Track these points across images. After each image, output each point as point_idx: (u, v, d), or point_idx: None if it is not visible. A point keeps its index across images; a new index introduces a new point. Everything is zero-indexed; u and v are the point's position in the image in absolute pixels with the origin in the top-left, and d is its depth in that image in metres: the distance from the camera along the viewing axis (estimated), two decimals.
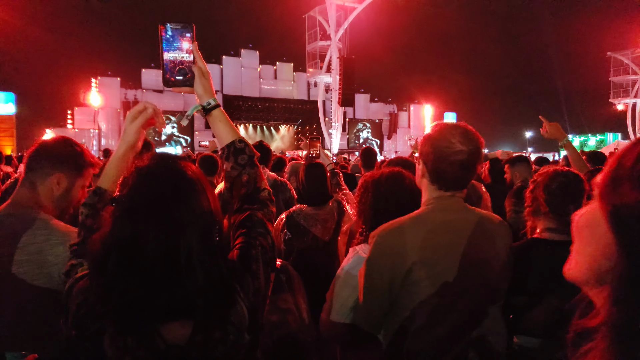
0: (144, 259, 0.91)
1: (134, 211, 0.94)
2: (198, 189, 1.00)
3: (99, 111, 27.46)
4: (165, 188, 0.96)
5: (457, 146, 1.52)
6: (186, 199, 0.97)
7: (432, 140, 1.58)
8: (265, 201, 1.27)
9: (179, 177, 1.00)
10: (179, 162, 1.03)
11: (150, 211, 0.93)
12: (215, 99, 1.31)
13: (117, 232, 0.93)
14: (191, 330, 0.97)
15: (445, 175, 1.55)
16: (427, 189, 1.63)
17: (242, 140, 1.31)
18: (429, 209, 1.59)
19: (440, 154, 1.54)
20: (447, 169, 1.54)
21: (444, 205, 1.58)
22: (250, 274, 1.08)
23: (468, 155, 1.52)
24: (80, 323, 1.02)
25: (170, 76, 1.28)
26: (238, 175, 1.27)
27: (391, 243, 1.53)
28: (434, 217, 1.56)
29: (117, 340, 0.94)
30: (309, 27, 28.84)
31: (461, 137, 1.53)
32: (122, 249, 0.92)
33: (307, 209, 3.00)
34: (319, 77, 28.34)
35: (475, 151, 1.54)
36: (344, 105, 25.47)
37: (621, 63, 33.23)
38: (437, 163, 1.55)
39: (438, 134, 1.57)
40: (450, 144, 1.53)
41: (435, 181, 1.58)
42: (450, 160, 1.53)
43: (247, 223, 1.18)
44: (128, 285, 0.90)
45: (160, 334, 0.96)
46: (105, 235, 0.94)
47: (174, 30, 1.27)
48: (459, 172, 1.54)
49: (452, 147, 1.52)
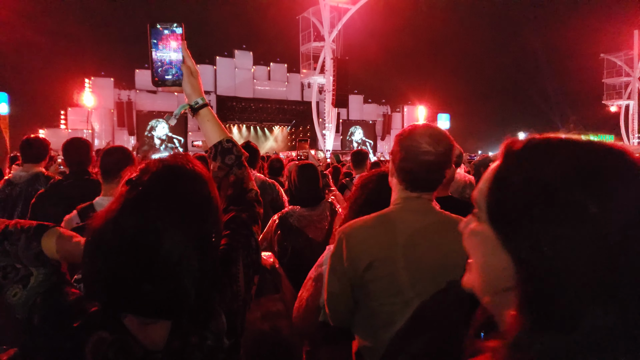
0: (148, 249, 0.88)
1: (148, 201, 0.92)
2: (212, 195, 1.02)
3: (93, 112, 27.29)
4: (188, 186, 0.97)
5: (425, 147, 1.53)
6: (203, 202, 0.98)
7: (402, 139, 1.59)
8: (252, 202, 1.26)
9: (199, 179, 1.01)
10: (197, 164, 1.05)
11: (165, 205, 0.92)
12: (204, 98, 1.30)
13: (127, 215, 0.90)
14: (168, 337, 0.95)
15: (412, 175, 1.56)
16: (395, 188, 1.64)
17: (230, 140, 1.29)
18: (394, 209, 1.60)
19: (407, 153, 1.55)
20: (414, 169, 1.54)
21: (410, 206, 1.58)
22: (228, 278, 1.06)
23: (435, 156, 1.53)
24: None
25: (159, 76, 1.27)
26: (225, 176, 1.25)
27: (353, 240, 1.55)
28: (397, 217, 1.57)
29: (97, 353, 0.92)
30: (302, 28, 28.88)
31: (430, 138, 1.54)
32: (125, 233, 0.89)
33: (300, 210, 2.98)
34: (312, 78, 28.36)
35: (443, 153, 1.55)
36: (338, 106, 25.48)
37: (614, 65, 33.55)
38: (404, 162, 1.56)
39: (408, 134, 1.59)
40: (418, 144, 1.54)
41: (402, 181, 1.59)
42: (417, 160, 1.53)
43: (231, 225, 1.16)
44: (120, 269, 0.88)
45: (137, 340, 0.94)
46: (112, 214, 0.91)
47: (163, 29, 1.26)
48: (424, 173, 1.54)
49: (419, 147, 1.53)
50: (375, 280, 1.51)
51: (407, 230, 1.54)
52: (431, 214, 1.60)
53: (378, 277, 1.51)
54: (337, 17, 25.82)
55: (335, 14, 25.88)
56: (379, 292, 1.52)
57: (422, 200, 1.59)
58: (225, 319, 1.01)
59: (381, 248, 1.52)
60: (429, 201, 1.61)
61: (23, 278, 0.98)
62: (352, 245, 1.55)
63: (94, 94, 27.12)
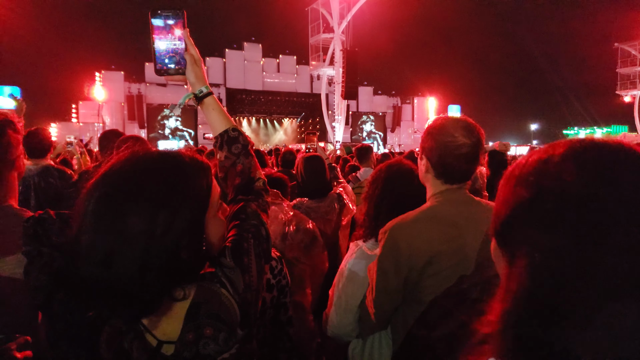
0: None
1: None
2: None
3: (103, 105, 27.49)
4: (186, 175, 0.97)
5: (460, 139, 1.54)
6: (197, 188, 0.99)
7: (435, 135, 1.59)
8: (260, 191, 1.24)
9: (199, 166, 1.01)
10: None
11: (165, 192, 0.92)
12: (208, 87, 1.28)
13: None
14: (182, 328, 0.96)
15: (451, 168, 1.56)
16: (432, 183, 1.63)
17: (236, 129, 1.28)
18: (437, 203, 1.59)
19: (444, 148, 1.56)
20: (453, 163, 1.55)
21: (453, 198, 1.59)
22: (241, 269, 1.05)
23: (471, 147, 1.54)
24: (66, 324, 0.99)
25: (162, 65, 1.26)
26: (232, 165, 1.24)
27: (406, 238, 1.53)
28: (444, 210, 1.57)
29: (113, 341, 0.94)
30: (311, 20, 28.70)
31: (463, 130, 1.55)
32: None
33: (307, 202, 2.98)
34: (322, 70, 28.22)
35: (478, 143, 1.56)
36: (347, 98, 25.34)
37: (629, 54, 32.89)
38: (442, 158, 1.56)
39: (440, 129, 1.59)
40: (454, 137, 1.54)
41: (441, 175, 1.59)
42: (454, 154, 1.54)
43: (241, 215, 1.16)
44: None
45: (150, 331, 0.95)
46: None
47: (165, 17, 1.24)
48: (463, 165, 1.56)
49: (455, 141, 1.54)
50: (435, 275, 1.51)
51: (457, 222, 1.55)
52: (473, 203, 1.62)
53: (438, 272, 1.50)
54: (347, 8, 25.61)
55: (345, 5, 25.66)
56: (437, 286, 1.49)
57: (462, 191, 1.61)
58: (238, 310, 1.01)
59: (439, 242, 1.51)
60: (467, 191, 1.63)
61: (47, 264, 1.00)
62: (407, 242, 1.53)
63: (105, 87, 27.31)
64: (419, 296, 1.54)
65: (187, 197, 0.94)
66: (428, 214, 1.57)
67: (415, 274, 1.52)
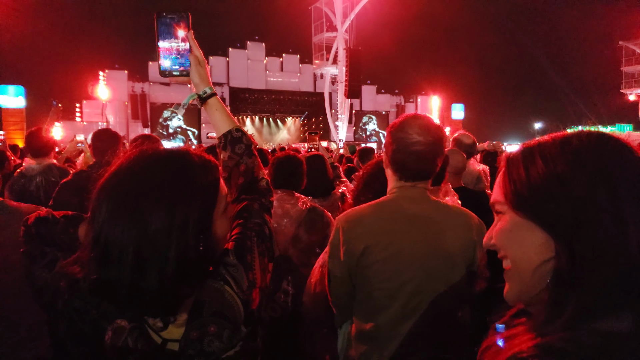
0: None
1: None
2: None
3: (107, 104, 27.59)
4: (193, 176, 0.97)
5: (414, 137, 1.56)
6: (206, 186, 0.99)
7: (393, 131, 1.63)
8: (263, 191, 1.25)
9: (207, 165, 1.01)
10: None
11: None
12: (212, 88, 1.29)
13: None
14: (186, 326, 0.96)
15: (403, 165, 1.59)
16: (391, 178, 1.68)
17: (239, 129, 1.29)
18: (389, 197, 1.64)
19: (398, 144, 1.59)
20: (405, 159, 1.58)
21: (405, 195, 1.62)
22: (244, 266, 1.06)
23: (426, 146, 1.56)
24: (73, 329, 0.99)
25: (166, 66, 1.27)
26: (235, 165, 1.25)
27: (348, 227, 1.60)
28: (392, 204, 1.62)
29: (118, 340, 0.94)
30: (315, 19, 28.73)
31: (419, 128, 1.57)
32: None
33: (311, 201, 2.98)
34: (325, 69, 28.25)
35: (434, 143, 1.57)
36: (351, 97, 25.37)
37: (633, 52, 32.70)
38: (396, 153, 1.60)
39: (398, 126, 1.62)
40: (408, 135, 1.57)
41: (396, 171, 1.63)
42: (407, 151, 1.57)
43: (244, 213, 1.17)
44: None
45: (155, 330, 0.96)
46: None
47: (170, 19, 1.25)
48: (416, 162, 1.57)
49: (409, 138, 1.57)
50: (370, 265, 1.56)
51: (401, 217, 1.58)
52: (426, 202, 1.63)
53: (373, 262, 1.55)
54: (350, 7, 25.62)
55: (348, 4, 25.68)
56: (374, 276, 1.56)
57: (417, 189, 1.62)
58: (242, 308, 1.01)
59: (375, 234, 1.56)
60: (424, 190, 1.64)
61: (50, 263, 1.01)
62: (347, 232, 1.59)
63: (109, 86, 27.40)
64: (361, 285, 1.60)
65: (196, 193, 0.94)
66: (376, 207, 1.62)
67: (353, 262, 1.57)
